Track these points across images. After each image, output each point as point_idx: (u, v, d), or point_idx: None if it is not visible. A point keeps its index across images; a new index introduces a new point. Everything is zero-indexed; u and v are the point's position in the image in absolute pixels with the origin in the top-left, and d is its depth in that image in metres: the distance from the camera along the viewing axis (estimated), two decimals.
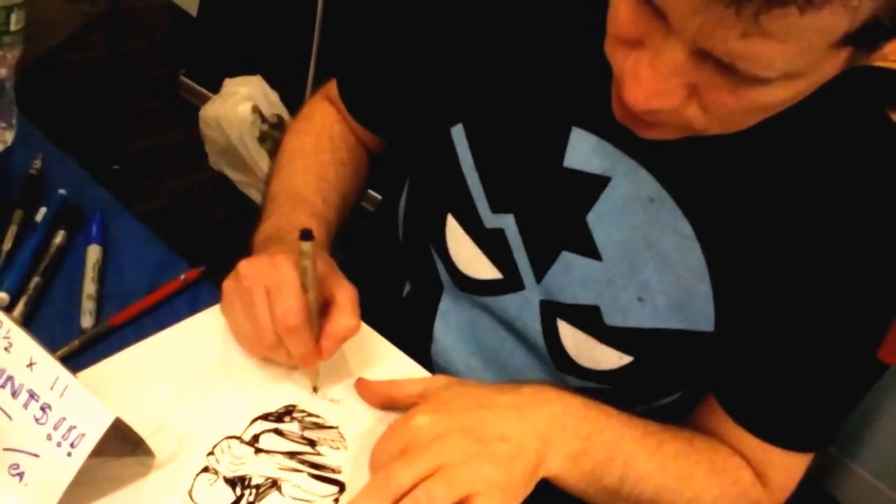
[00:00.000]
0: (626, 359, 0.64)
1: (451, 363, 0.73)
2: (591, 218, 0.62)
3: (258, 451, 0.58)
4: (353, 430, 0.61)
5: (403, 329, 0.71)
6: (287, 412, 0.61)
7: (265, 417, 0.60)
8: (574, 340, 0.65)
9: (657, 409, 0.69)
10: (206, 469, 0.56)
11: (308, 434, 0.60)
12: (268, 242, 0.66)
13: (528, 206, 0.64)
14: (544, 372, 0.70)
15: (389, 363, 0.67)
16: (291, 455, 0.58)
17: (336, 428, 0.61)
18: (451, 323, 0.73)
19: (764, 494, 0.64)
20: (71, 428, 0.49)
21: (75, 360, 0.61)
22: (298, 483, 0.56)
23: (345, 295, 0.61)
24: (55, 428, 0.50)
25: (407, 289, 0.77)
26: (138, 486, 0.54)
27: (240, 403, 0.61)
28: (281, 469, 0.57)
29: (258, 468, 0.57)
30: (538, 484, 0.56)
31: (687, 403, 0.69)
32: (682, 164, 0.58)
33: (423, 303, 0.75)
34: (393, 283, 0.79)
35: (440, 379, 0.63)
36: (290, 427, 0.60)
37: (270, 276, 0.58)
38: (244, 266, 0.60)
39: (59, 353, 0.61)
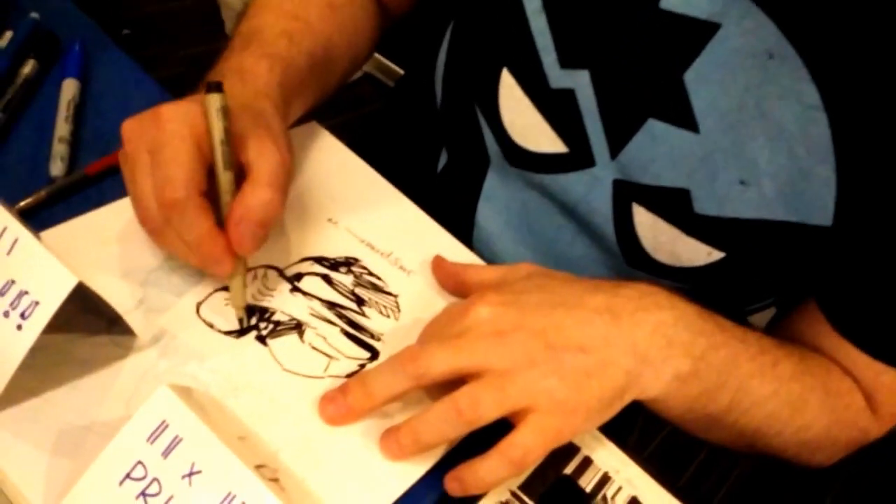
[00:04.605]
0: (717, 255, 0.53)
1: (497, 254, 0.63)
2: (690, 77, 0.50)
3: (295, 289, 0.52)
4: (415, 306, 0.53)
5: (439, 212, 0.60)
6: (346, 263, 0.54)
7: (318, 260, 0.54)
8: (652, 231, 0.55)
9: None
10: (227, 289, 0.49)
11: (360, 292, 0.53)
12: None
13: (609, 61, 0.53)
14: (610, 267, 0.59)
15: (436, 246, 0.57)
16: (331, 305, 0.51)
17: (396, 296, 0.53)
18: (497, 206, 0.63)
19: (873, 422, 0.56)
20: (21, 294, 0.39)
21: (42, 215, 0.51)
22: (326, 335, 0.50)
23: (264, 162, 0.46)
24: (1, 294, 0.39)
25: (443, 161, 0.65)
26: (115, 371, 0.45)
27: (286, 245, 0.54)
28: (312, 315, 0.51)
29: (287, 306, 0.51)
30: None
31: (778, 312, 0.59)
32: (813, 12, 0.46)
33: (463, 181, 0.64)
34: (425, 158, 0.68)
35: (524, 268, 0.53)
36: (342, 278, 0.53)
37: (152, 136, 0.45)
38: (126, 126, 0.46)
39: (22, 204, 0.51)
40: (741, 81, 0.49)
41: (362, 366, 0.49)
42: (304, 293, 0.51)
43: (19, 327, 0.39)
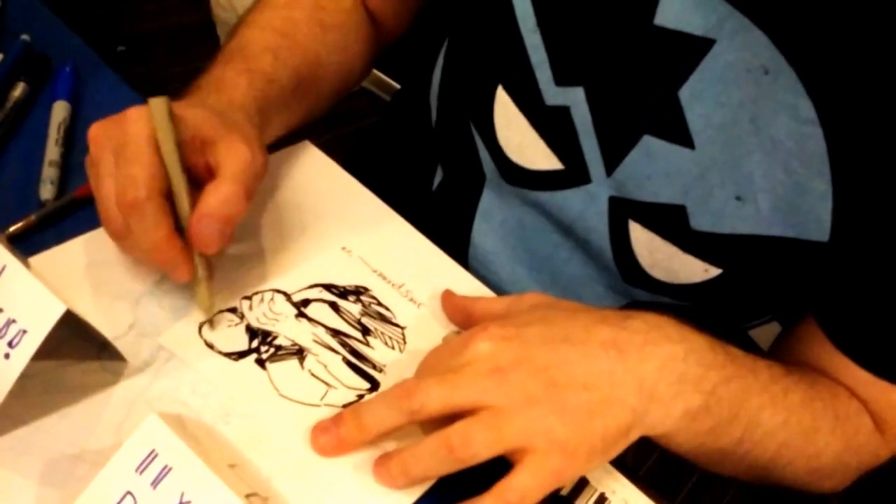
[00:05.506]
0: (714, 271, 0.52)
1: (493, 272, 0.62)
2: (685, 93, 0.49)
3: (300, 315, 0.51)
4: (422, 339, 0.51)
5: (434, 230, 0.59)
6: (356, 292, 0.53)
7: (328, 287, 0.53)
8: (649, 248, 0.54)
9: None
10: (232, 310, 0.49)
11: (366, 321, 0.52)
12: None
13: (604, 77, 0.52)
14: (607, 284, 0.58)
15: (449, 280, 0.56)
16: (335, 333, 0.50)
17: (403, 328, 0.52)
18: (493, 224, 0.62)
19: (882, 444, 0.54)
20: (9, 322, 0.38)
21: (32, 240, 0.50)
22: (327, 362, 0.49)
23: (231, 159, 0.45)
24: None
25: (438, 179, 0.65)
26: (105, 397, 0.44)
27: (295, 270, 0.53)
28: (315, 341, 0.50)
29: (290, 331, 0.50)
30: None
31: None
32: (808, 26, 0.45)
33: (459, 199, 0.63)
34: (421, 175, 0.67)
35: (531, 298, 0.51)
36: (350, 306, 0.52)
37: (116, 137, 0.44)
38: (92, 129, 0.45)
39: (11, 229, 0.50)
40: (736, 97, 0.48)
41: (361, 396, 0.47)
42: (310, 319, 0.50)
43: (7, 356, 0.38)
